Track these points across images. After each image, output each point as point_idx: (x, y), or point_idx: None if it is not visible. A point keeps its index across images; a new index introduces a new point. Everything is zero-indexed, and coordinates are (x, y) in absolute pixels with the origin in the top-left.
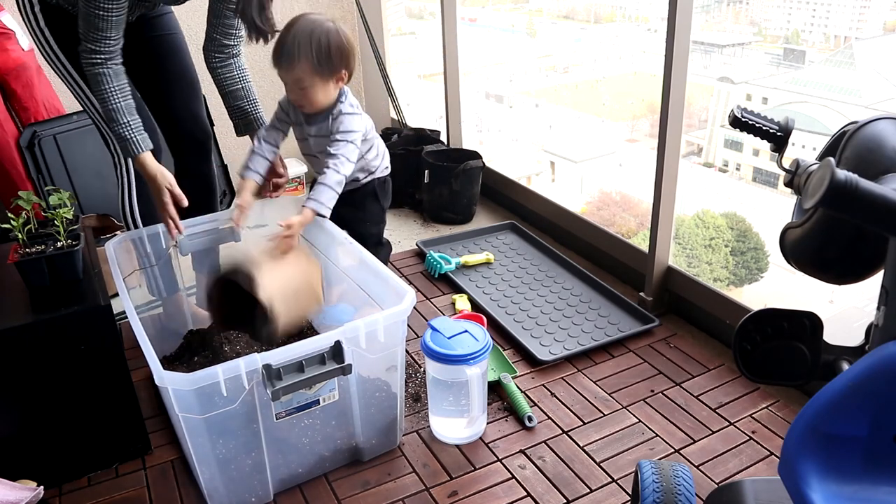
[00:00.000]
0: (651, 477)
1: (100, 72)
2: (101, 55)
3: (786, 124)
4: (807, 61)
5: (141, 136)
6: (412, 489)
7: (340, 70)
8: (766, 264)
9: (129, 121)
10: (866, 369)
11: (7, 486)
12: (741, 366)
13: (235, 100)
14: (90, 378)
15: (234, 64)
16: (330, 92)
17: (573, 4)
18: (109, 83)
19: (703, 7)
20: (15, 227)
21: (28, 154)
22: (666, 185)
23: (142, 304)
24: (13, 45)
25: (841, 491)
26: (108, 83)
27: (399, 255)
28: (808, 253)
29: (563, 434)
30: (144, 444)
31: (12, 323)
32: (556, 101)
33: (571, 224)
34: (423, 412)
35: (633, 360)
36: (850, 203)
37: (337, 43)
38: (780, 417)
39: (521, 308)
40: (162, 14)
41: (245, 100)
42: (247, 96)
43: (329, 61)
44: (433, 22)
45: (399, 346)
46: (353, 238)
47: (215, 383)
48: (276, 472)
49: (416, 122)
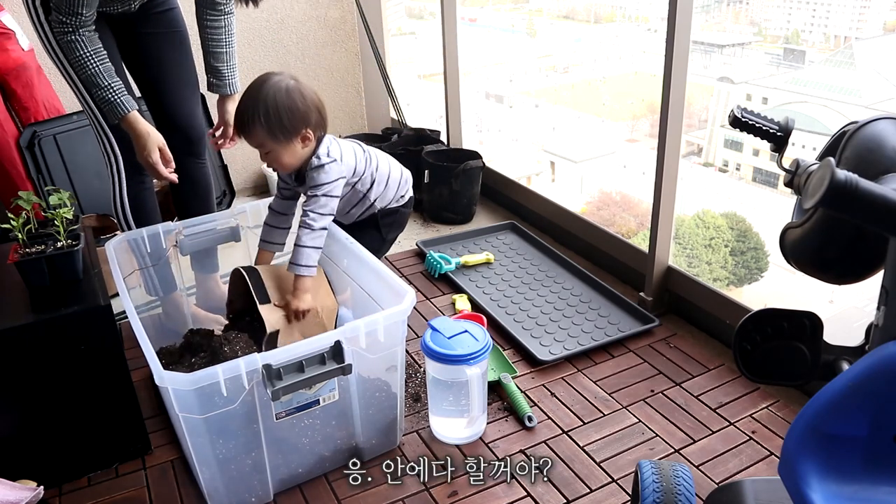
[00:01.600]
0: (651, 477)
1: (72, 39)
2: (71, 25)
3: (786, 124)
4: (807, 61)
5: (125, 97)
6: (412, 489)
7: (300, 130)
8: (766, 264)
9: (110, 83)
10: (866, 369)
11: (7, 486)
12: (741, 366)
13: (216, 61)
14: (90, 378)
15: (224, 23)
16: (298, 152)
17: (573, 4)
18: (84, 48)
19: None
20: (15, 227)
21: (28, 154)
22: (666, 185)
23: (141, 304)
24: (13, 45)
25: (841, 491)
26: (83, 48)
27: (399, 255)
28: (808, 253)
29: (563, 434)
30: (144, 444)
31: (12, 323)
32: (556, 101)
33: (571, 224)
34: (423, 412)
35: (633, 360)
36: (850, 203)
37: (287, 105)
38: (780, 417)
39: (521, 308)
40: (166, 9)
41: (226, 64)
42: (228, 61)
43: (281, 125)
44: (433, 22)
45: (399, 346)
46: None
47: (215, 383)
48: (276, 472)
49: (416, 122)
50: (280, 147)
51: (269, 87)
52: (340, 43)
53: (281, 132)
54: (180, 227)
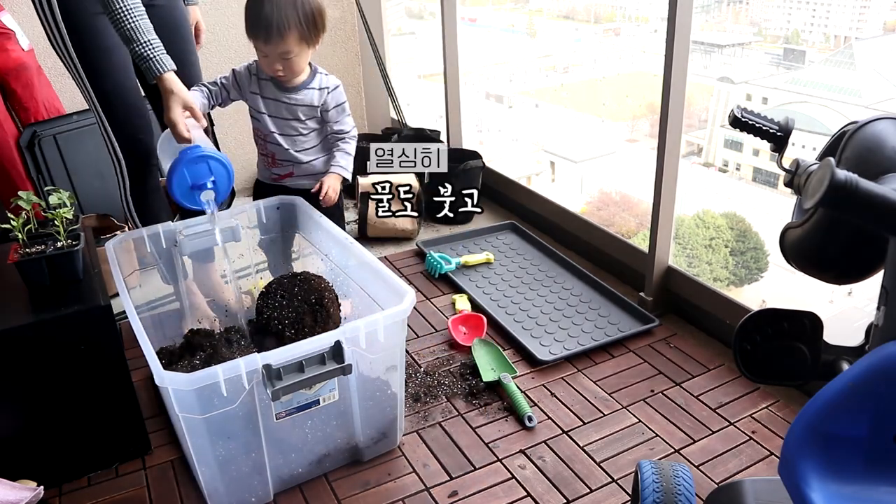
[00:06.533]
0: (651, 477)
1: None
2: None
3: (786, 124)
4: (807, 61)
5: (163, 55)
6: (412, 489)
7: (321, 34)
8: (766, 264)
9: (149, 39)
10: (866, 369)
11: (7, 486)
12: (741, 366)
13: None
14: (90, 378)
15: None
16: (308, 58)
17: (573, 4)
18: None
19: (703, 7)
20: (15, 227)
21: (28, 154)
22: (666, 185)
23: (142, 304)
24: (13, 45)
25: (841, 491)
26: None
27: (399, 254)
28: (808, 253)
29: (563, 434)
30: (144, 444)
31: (12, 323)
32: (556, 101)
33: (571, 224)
34: (423, 412)
35: (633, 360)
36: (850, 203)
37: (318, 7)
38: (780, 417)
39: (521, 308)
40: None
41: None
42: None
43: (315, 28)
44: (433, 22)
45: (399, 346)
46: None
47: (215, 383)
48: (276, 472)
49: (416, 122)
50: (304, 52)
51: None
52: (340, 43)
53: (314, 35)
54: (180, 227)
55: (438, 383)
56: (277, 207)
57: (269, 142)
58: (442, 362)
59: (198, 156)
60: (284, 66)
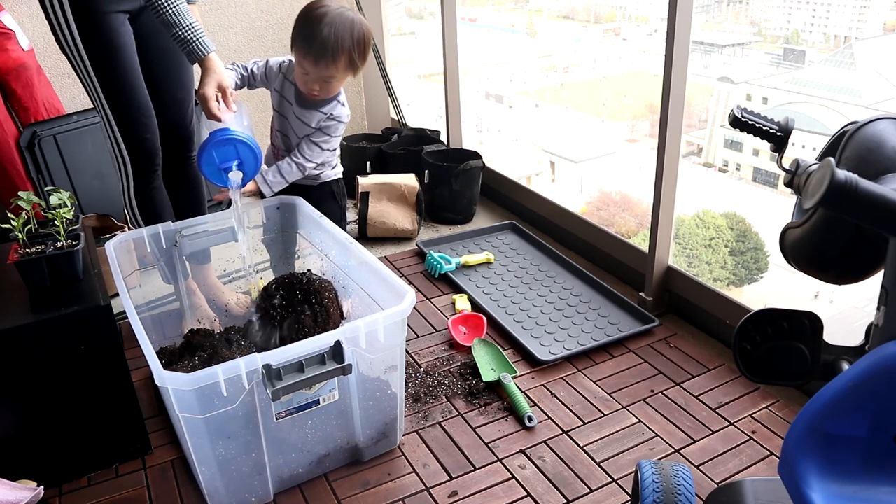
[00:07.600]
0: (651, 477)
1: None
2: None
3: (786, 124)
4: (807, 61)
5: (205, 37)
6: (412, 489)
7: (365, 63)
8: (766, 264)
9: (191, 23)
10: (866, 369)
11: (7, 486)
12: (741, 366)
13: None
14: (90, 378)
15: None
16: (343, 84)
17: (573, 4)
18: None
19: (703, 7)
20: (15, 227)
21: (28, 154)
22: (666, 185)
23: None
24: (13, 45)
25: (841, 491)
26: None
27: (399, 255)
28: (808, 253)
29: (563, 434)
30: (144, 444)
31: (12, 323)
32: (556, 101)
33: (571, 224)
34: (423, 412)
35: (633, 360)
36: (850, 203)
37: (369, 35)
38: (780, 417)
39: (521, 308)
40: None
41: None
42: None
43: (362, 56)
44: (433, 22)
45: (399, 346)
46: None
47: (215, 383)
48: (276, 472)
49: (416, 122)
50: (345, 78)
51: (355, 19)
52: None
53: (360, 63)
54: (180, 227)
55: (438, 383)
56: (278, 207)
57: (276, 135)
58: (442, 362)
59: (225, 138)
60: (322, 87)
